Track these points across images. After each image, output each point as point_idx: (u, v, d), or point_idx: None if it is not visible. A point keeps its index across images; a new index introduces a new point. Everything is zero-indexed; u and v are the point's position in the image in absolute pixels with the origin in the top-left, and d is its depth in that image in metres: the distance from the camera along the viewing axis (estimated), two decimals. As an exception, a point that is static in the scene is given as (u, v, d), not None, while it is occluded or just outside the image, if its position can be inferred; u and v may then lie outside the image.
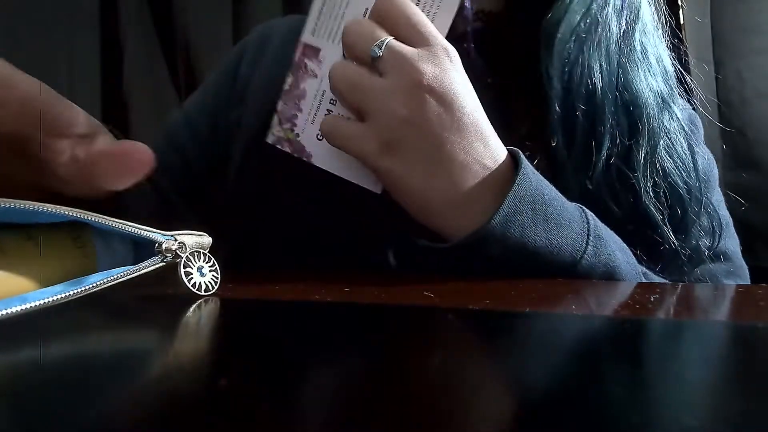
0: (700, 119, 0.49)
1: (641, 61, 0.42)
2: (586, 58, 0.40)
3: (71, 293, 0.20)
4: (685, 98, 0.48)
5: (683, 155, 0.42)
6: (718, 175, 0.49)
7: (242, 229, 0.45)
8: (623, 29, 0.41)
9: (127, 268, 0.23)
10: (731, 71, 0.93)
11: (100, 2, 1.22)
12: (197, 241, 0.25)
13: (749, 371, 0.15)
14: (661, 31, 0.45)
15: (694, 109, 0.49)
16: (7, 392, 0.13)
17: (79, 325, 0.21)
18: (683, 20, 0.87)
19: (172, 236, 0.24)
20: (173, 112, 0.53)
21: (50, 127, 0.20)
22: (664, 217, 0.40)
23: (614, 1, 0.41)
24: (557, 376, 0.14)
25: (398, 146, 0.32)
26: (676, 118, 0.42)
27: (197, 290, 0.24)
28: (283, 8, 1.19)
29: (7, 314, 0.18)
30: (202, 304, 0.23)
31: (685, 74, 0.47)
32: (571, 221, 0.33)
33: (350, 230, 0.39)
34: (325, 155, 0.36)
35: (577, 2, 0.40)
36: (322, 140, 0.35)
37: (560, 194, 0.35)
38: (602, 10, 0.41)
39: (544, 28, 0.40)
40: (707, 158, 0.47)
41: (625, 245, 0.37)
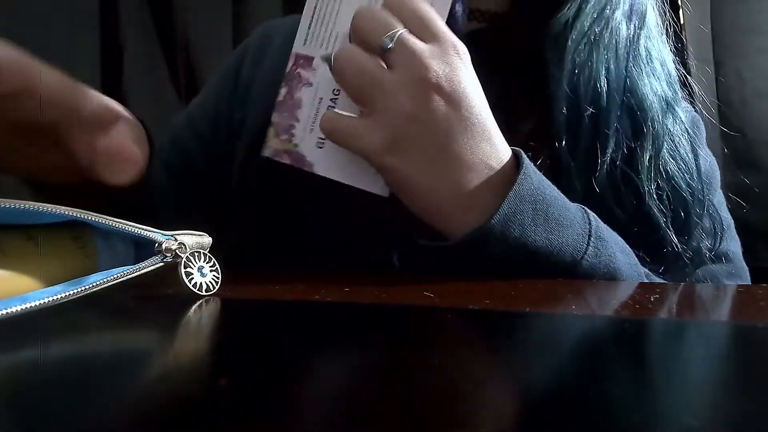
0: (702, 121, 0.49)
1: (646, 65, 0.42)
2: (595, 61, 0.40)
3: (71, 293, 0.20)
4: (687, 100, 0.48)
5: (686, 158, 0.42)
6: (719, 176, 0.49)
7: (244, 228, 0.45)
8: (631, 33, 0.41)
9: (127, 268, 0.23)
10: (731, 71, 0.93)
11: (100, 2, 1.22)
12: (197, 241, 0.25)
13: (749, 371, 0.15)
14: (664, 35, 0.45)
15: (695, 110, 0.49)
16: (7, 392, 0.13)
17: (79, 325, 0.21)
18: (683, 21, 0.87)
19: (172, 236, 0.24)
20: (179, 114, 0.54)
21: (75, 115, 0.20)
22: (666, 219, 0.40)
23: (623, 5, 0.41)
24: (557, 376, 0.14)
25: (404, 144, 0.31)
26: (679, 121, 0.42)
27: (198, 290, 0.24)
28: (283, 8, 1.18)
29: (7, 314, 0.18)
30: (202, 304, 0.23)
31: (687, 77, 0.47)
32: (572, 222, 0.33)
33: (351, 230, 0.39)
34: (327, 163, 0.35)
35: (589, 6, 0.40)
36: (322, 148, 0.35)
37: (562, 195, 0.35)
38: (613, 14, 0.41)
39: (551, 30, 0.40)
40: (709, 160, 0.47)
41: (627, 247, 0.37)
